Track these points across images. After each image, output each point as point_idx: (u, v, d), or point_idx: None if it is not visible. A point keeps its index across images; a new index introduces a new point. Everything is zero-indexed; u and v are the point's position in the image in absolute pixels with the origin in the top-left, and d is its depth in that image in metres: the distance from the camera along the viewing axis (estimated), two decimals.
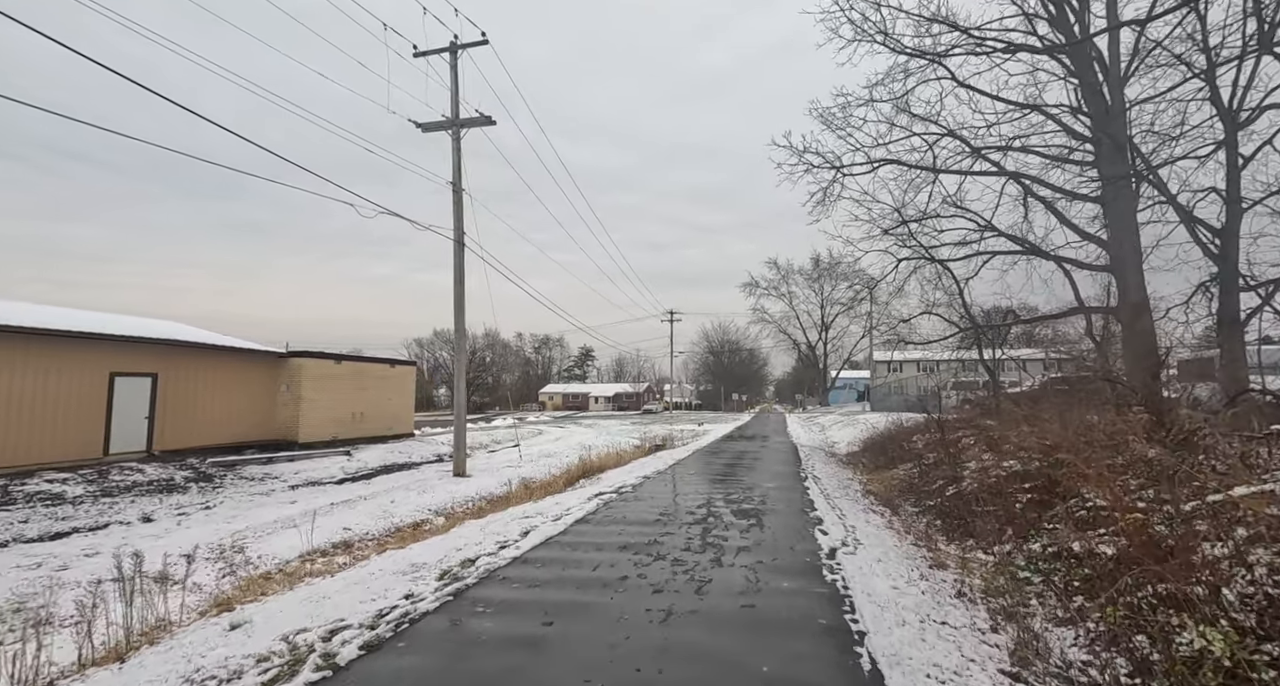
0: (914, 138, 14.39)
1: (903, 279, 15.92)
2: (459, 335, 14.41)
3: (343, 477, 13.86)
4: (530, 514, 6.85)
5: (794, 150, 14.83)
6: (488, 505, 10.86)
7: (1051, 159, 13.86)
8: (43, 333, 10.62)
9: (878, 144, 14.81)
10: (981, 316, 14.71)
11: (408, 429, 19.87)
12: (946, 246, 14.41)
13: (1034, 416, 9.40)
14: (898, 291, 16.02)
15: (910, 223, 13.34)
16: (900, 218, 13.37)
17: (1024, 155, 14.53)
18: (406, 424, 19.85)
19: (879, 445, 16.20)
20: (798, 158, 15.10)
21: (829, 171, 15.16)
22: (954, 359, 35.15)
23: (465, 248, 14.42)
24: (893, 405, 38.89)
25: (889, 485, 10.79)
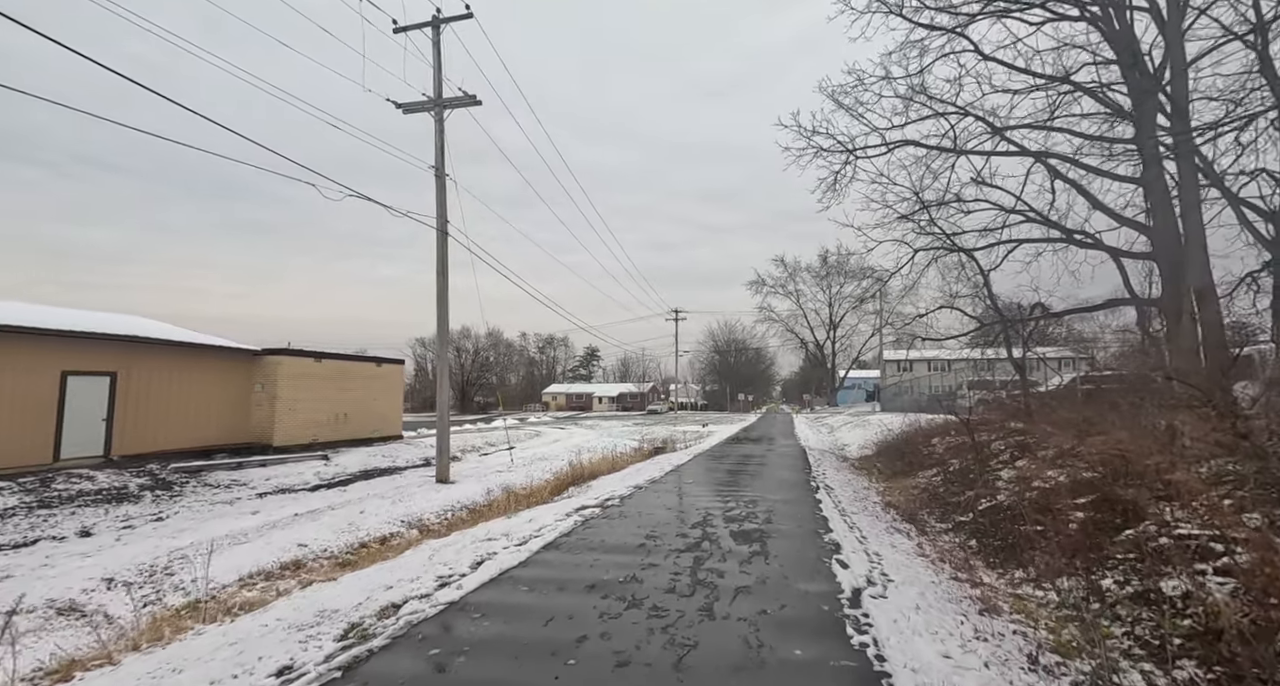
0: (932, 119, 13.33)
1: (919, 270, 14.84)
2: (442, 331, 13.44)
3: (317, 484, 12.92)
4: (495, 534, 5.84)
5: (803, 131, 13.76)
6: (465, 517, 9.89)
7: (1084, 137, 12.72)
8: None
9: (893, 126, 13.75)
10: (1005, 310, 13.58)
11: (396, 431, 18.94)
12: (970, 233, 13.31)
13: (1090, 419, 8.29)
14: (913, 285, 14.95)
15: (930, 207, 12.25)
16: (920, 201, 12.28)
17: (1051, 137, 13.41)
18: (395, 425, 18.92)
19: (895, 449, 15.10)
20: (806, 141, 14.06)
21: (840, 156, 14.13)
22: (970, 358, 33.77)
23: (449, 237, 13.45)
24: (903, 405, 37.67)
25: (909, 495, 9.71)
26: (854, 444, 21.18)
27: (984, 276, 11.68)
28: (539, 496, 10.37)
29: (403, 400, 19.86)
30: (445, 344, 13.52)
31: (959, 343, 19.52)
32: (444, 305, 13.42)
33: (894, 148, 13.54)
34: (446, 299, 13.49)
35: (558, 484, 11.59)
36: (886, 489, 10.48)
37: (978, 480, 8.94)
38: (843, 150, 13.94)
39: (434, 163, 13.39)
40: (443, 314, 13.42)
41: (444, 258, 13.40)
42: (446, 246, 13.47)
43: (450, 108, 13.48)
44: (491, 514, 9.39)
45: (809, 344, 63.54)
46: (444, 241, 13.40)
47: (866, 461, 15.22)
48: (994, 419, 13.30)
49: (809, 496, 8.03)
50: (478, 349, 78.51)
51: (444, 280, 13.40)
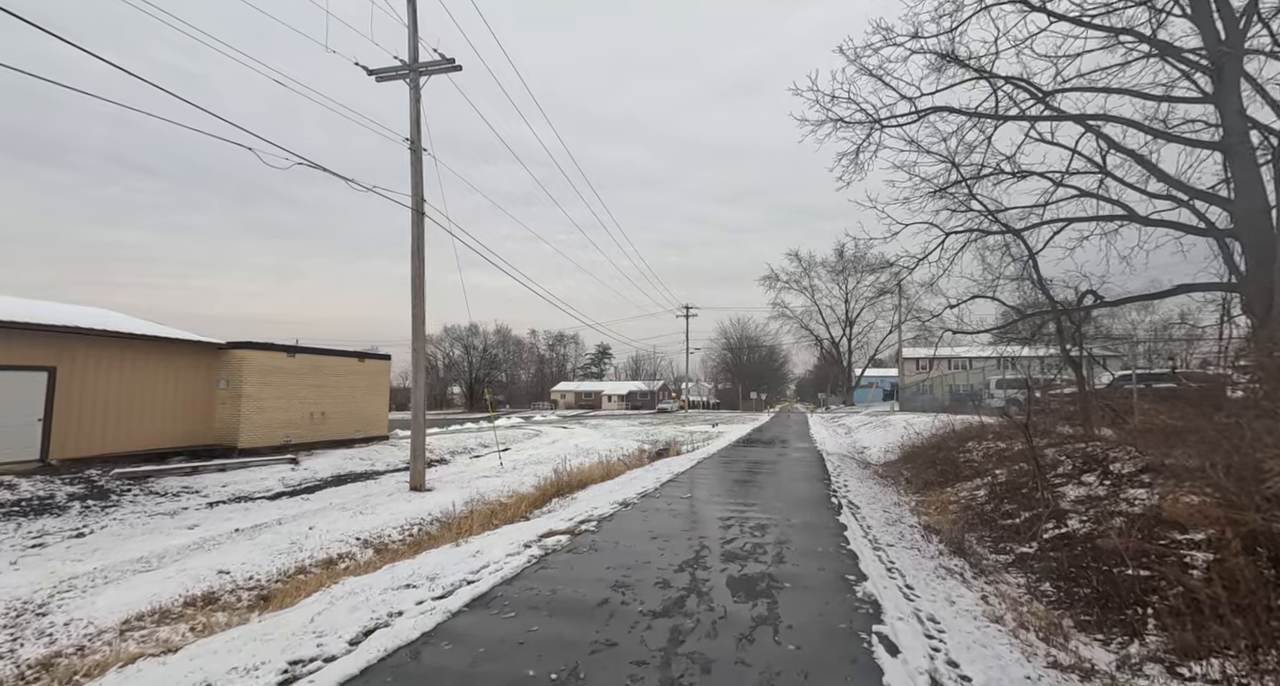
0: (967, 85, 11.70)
1: (951, 256, 13.25)
2: (417, 320, 12.12)
3: (280, 491, 11.68)
4: (420, 577, 4.46)
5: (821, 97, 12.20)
6: (435, 532, 8.57)
7: (1147, 98, 11.01)
8: None
9: (922, 94, 12.15)
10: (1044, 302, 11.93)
11: (380, 431, 17.71)
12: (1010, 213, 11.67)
13: (1179, 428, 6.71)
14: (943, 273, 13.33)
15: (970, 180, 10.65)
16: (958, 173, 10.67)
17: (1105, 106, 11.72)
18: (379, 426, 17.69)
19: (923, 454, 13.51)
20: (825, 111, 12.50)
21: (863, 128, 12.56)
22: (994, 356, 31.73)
23: (425, 217, 12.13)
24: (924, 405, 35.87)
25: (949, 514, 8.18)
26: (875, 447, 19.57)
27: (1031, 258, 10.07)
28: (514, 510, 9.00)
29: (388, 398, 18.62)
30: (422, 336, 12.20)
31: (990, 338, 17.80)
32: (419, 292, 12.11)
33: (924, 115, 11.95)
34: (423, 285, 12.17)
35: (539, 495, 10.22)
36: (920, 504, 8.96)
37: (1036, 498, 7.40)
38: (866, 120, 12.38)
39: (409, 135, 12.07)
40: (418, 301, 12.11)
41: (420, 239, 12.08)
42: (423, 227, 12.15)
43: (426, 74, 12.14)
44: (460, 530, 8.05)
45: (824, 341, 61.64)
46: (420, 222, 12.08)
47: (891, 468, 13.64)
48: (1040, 423, 11.68)
49: (830, 518, 6.55)
50: (486, 346, 77.60)
51: (419, 263, 12.09)
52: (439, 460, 17.24)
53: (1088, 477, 7.43)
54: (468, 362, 76.48)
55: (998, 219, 10.52)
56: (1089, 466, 7.80)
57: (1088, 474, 7.58)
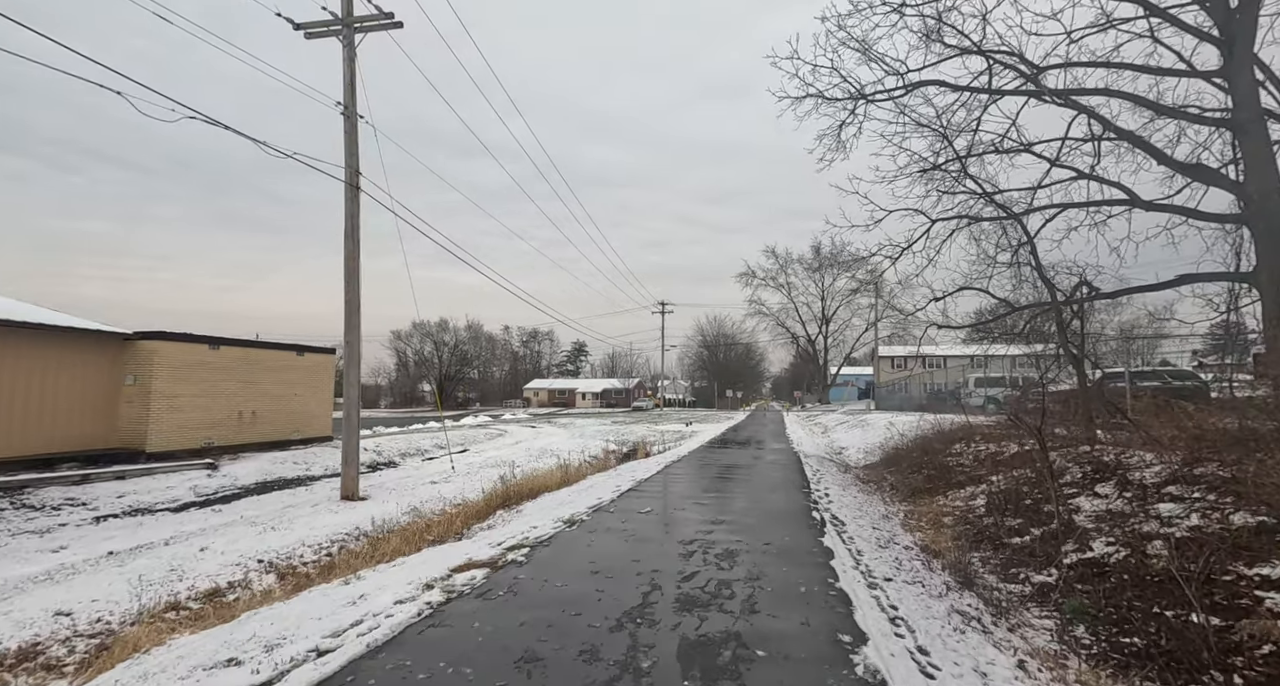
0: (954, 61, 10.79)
1: (937, 244, 12.40)
2: (351, 306, 10.75)
3: (188, 502, 10.22)
4: (253, 647, 3.23)
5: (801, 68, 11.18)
6: (359, 549, 7.31)
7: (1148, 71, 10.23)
8: None
9: (909, 70, 11.21)
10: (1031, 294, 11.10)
11: (322, 431, 16.20)
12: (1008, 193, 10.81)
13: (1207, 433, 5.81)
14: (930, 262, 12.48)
15: (963, 157, 9.73)
16: (951, 150, 9.75)
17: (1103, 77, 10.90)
18: (321, 425, 16.18)
19: (907, 457, 12.64)
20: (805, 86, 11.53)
21: (847, 104, 11.61)
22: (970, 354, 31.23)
23: (360, 191, 10.76)
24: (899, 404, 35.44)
25: (943, 528, 7.21)
26: (853, 448, 18.75)
27: (1030, 243, 9.18)
28: (449, 526, 7.76)
29: (332, 394, 17.11)
30: (356, 326, 10.84)
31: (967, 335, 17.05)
32: (353, 277, 10.74)
33: (913, 88, 11.01)
34: (357, 268, 10.81)
35: (484, 506, 8.99)
36: (910, 516, 7.98)
37: (1046, 512, 6.45)
38: (849, 97, 11.41)
39: (342, 99, 10.68)
40: (352, 287, 10.74)
41: (354, 217, 10.72)
42: (358, 203, 10.79)
43: (362, 30, 10.76)
44: (380, 553, 6.80)
45: (800, 339, 61.25)
46: (354, 197, 10.71)
47: (873, 472, 12.74)
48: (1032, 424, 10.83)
49: (812, 539, 5.48)
50: (457, 342, 75.50)
51: (353, 245, 10.72)
52: (386, 463, 15.84)
53: (1103, 488, 6.51)
54: (437, 359, 74.31)
55: (993, 200, 9.63)
56: (1101, 474, 6.89)
57: (1102, 483, 6.66)
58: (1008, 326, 15.96)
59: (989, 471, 9.15)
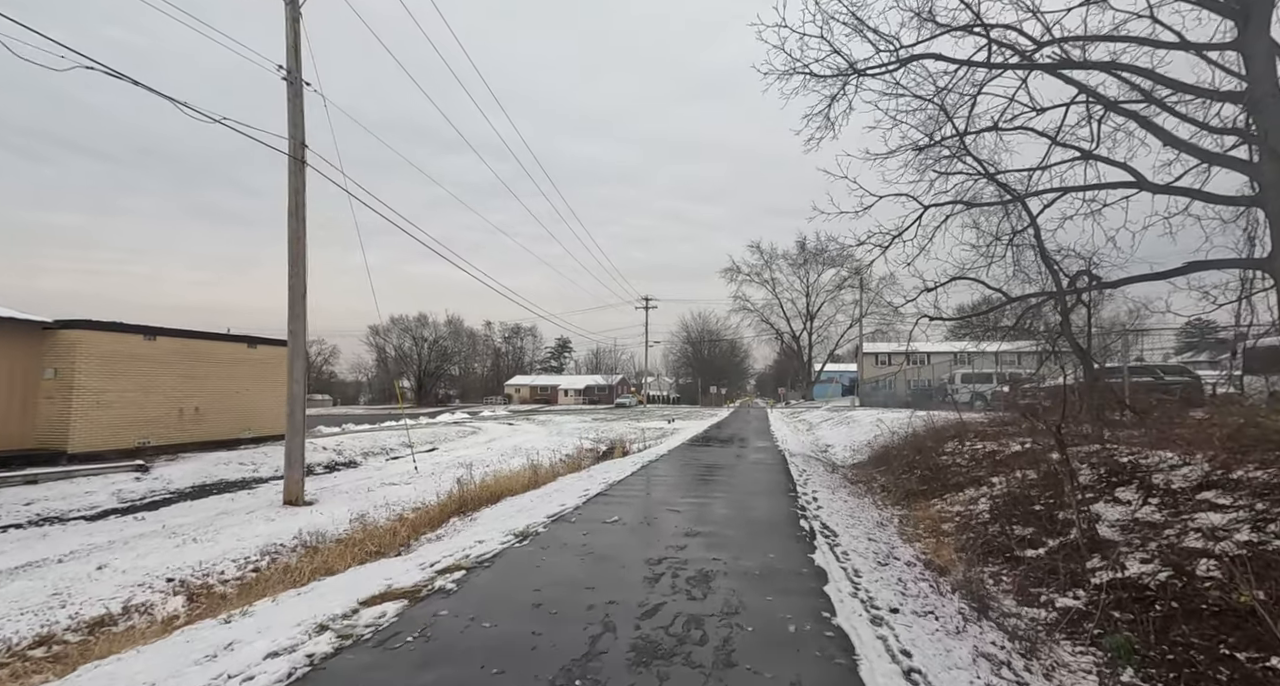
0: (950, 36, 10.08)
1: (930, 231, 11.75)
2: (294, 295, 9.77)
3: (108, 509, 9.18)
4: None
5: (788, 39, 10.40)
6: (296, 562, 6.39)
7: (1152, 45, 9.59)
8: None
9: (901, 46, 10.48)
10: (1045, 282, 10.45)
11: (276, 429, 15.08)
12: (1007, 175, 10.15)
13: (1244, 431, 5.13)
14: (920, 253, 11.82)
15: (965, 134, 9.01)
16: (952, 126, 9.02)
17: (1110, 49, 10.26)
18: (275, 422, 15.07)
19: (899, 457, 11.97)
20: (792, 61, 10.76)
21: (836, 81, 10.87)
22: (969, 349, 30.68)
23: (307, 166, 9.76)
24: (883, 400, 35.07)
25: (942, 535, 6.50)
26: (839, 446, 18.12)
27: (1034, 227, 8.50)
28: (393, 537, 6.88)
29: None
30: (301, 314, 9.85)
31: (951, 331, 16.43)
32: (298, 260, 9.75)
33: (906, 63, 10.27)
34: (303, 250, 9.82)
35: (439, 512, 8.11)
36: (906, 523, 7.26)
37: (1060, 520, 5.75)
38: (838, 73, 10.66)
39: (285, 63, 9.66)
40: (296, 271, 9.75)
41: (299, 193, 9.72)
42: (304, 178, 9.79)
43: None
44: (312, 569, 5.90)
45: (785, 335, 60.88)
46: (299, 171, 9.72)
47: (863, 472, 12.05)
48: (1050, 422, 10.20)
49: (801, 557, 4.70)
50: (437, 338, 73.94)
51: (299, 224, 9.73)
52: (346, 463, 14.83)
53: (1124, 492, 5.82)
54: (417, 355, 72.72)
55: (995, 179, 8.92)
56: (1118, 476, 6.21)
57: (1122, 486, 5.98)
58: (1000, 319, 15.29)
59: (989, 472, 8.48)
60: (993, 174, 9.00)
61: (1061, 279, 8.41)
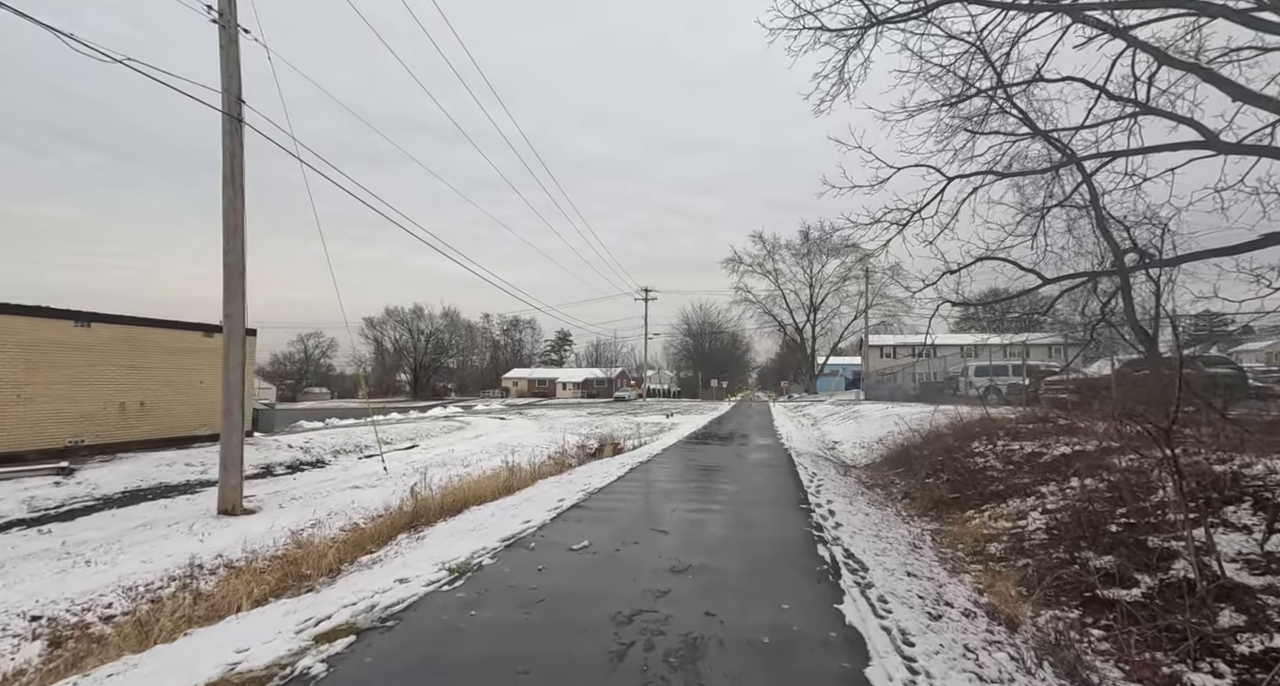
0: None
1: (956, 203, 10.52)
2: (230, 274, 8.51)
3: (14, 520, 7.96)
4: None
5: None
6: (213, 590, 5.17)
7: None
8: None
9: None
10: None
11: None
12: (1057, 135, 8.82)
13: None
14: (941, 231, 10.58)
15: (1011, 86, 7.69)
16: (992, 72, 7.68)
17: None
18: None
19: (919, 457, 10.68)
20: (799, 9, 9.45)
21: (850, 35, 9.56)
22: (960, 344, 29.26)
23: (244, 126, 8.47)
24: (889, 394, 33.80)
25: (989, 559, 5.26)
26: (848, 442, 16.88)
27: (1091, 191, 7.20)
28: (319, 561, 5.66)
29: (253, 381, 14.81)
30: (238, 295, 8.60)
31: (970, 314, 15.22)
32: (235, 233, 8.48)
33: (934, 8, 8.94)
34: (242, 220, 8.55)
35: (386, 526, 6.90)
36: (942, 542, 6.03)
37: (1150, 546, 4.51)
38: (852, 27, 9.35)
39: (214, 2, 8.35)
40: (232, 247, 8.49)
41: (235, 157, 8.45)
42: (241, 140, 8.51)
43: None
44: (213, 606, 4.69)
45: (787, 327, 59.58)
46: (236, 132, 8.44)
47: (879, 475, 10.82)
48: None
49: (825, 607, 3.47)
50: (433, 330, 72.75)
51: (235, 193, 8.46)
52: (314, 462, 13.64)
53: (1237, 514, 4.58)
54: (413, 347, 71.56)
55: (1047, 136, 7.59)
56: (1220, 492, 4.97)
57: (1230, 505, 4.74)
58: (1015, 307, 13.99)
59: (1035, 479, 7.22)
60: (1046, 131, 7.67)
61: (1123, 253, 7.14)
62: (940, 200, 10.46)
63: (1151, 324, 7.09)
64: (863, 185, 10.48)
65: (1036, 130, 7.75)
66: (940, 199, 10.44)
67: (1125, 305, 7.13)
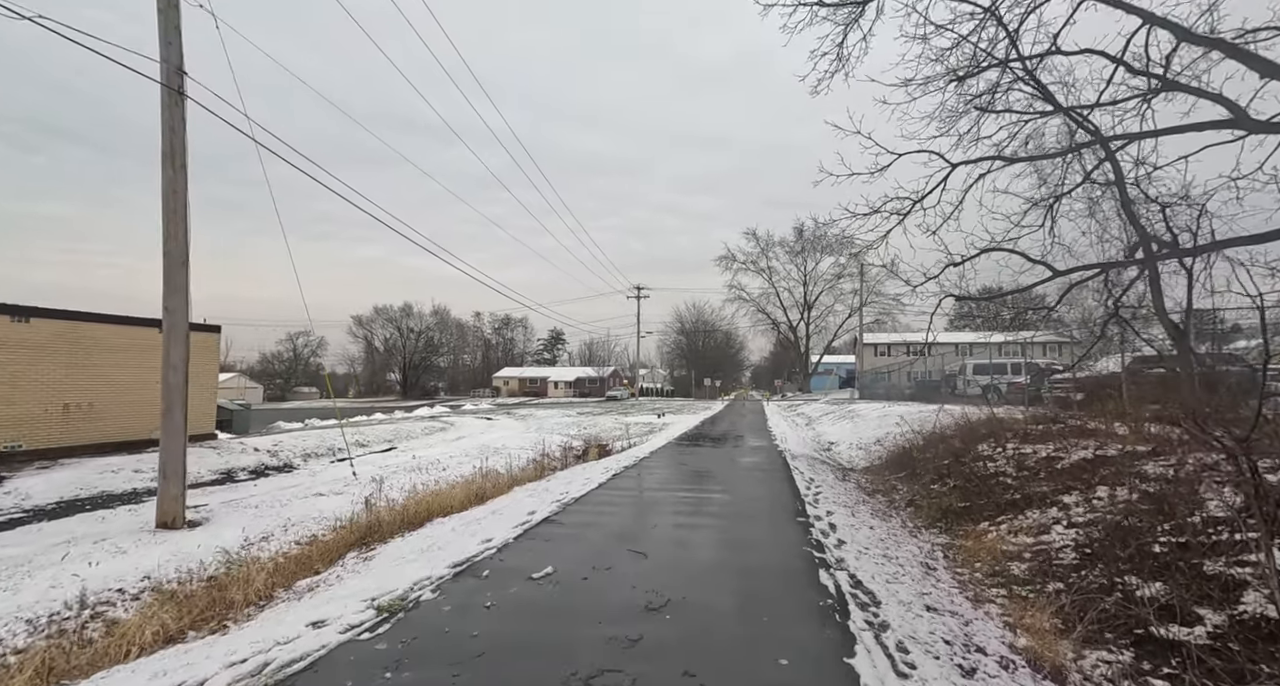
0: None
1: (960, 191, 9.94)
2: (170, 262, 7.72)
3: None
4: None
5: None
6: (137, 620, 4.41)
7: None
8: None
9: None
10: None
11: (202, 427, 13.13)
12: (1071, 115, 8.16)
13: None
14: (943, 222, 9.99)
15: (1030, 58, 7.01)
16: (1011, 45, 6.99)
17: None
18: (200, 420, 13.09)
19: (922, 460, 10.05)
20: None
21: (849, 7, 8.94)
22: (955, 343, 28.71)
23: (186, 98, 7.69)
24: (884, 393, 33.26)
25: (1013, 583, 4.58)
26: (844, 443, 16.26)
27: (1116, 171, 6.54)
28: (245, 585, 4.91)
29: (216, 380, 14.02)
30: (180, 287, 7.81)
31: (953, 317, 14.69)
32: (177, 215, 7.69)
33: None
34: (184, 205, 7.77)
35: (336, 544, 6.17)
36: (957, 559, 5.37)
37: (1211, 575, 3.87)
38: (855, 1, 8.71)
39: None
40: (173, 233, 7.70)
41: (176, 133, 7.66)
42: (183, 114, 7.74)
43: None
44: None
45: (781, 325, 59.01)
46: (176, 105, 7.66)
47: (879, 479, 10.17)
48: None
49: (833, 660, 2.79)
50: (423, 329, 71.70)
51: (175, 172, 7.67)
52: (281, 467, 12.85)
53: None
54: (402, 346, 70.52)
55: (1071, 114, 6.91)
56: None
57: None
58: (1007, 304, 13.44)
59: (1054, 487, 6.57)
60: (1070, 108, 6.98)
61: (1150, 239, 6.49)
62: (944, 189, 9.84)
63: (1184, 317, 6.44)
64: (861, 173, 9.84)
65: (1058, 106, 7.08)
66: (944, 187, 9.82)
67: (1154, 296, 6.49)
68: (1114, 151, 6.88)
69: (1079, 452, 7.25)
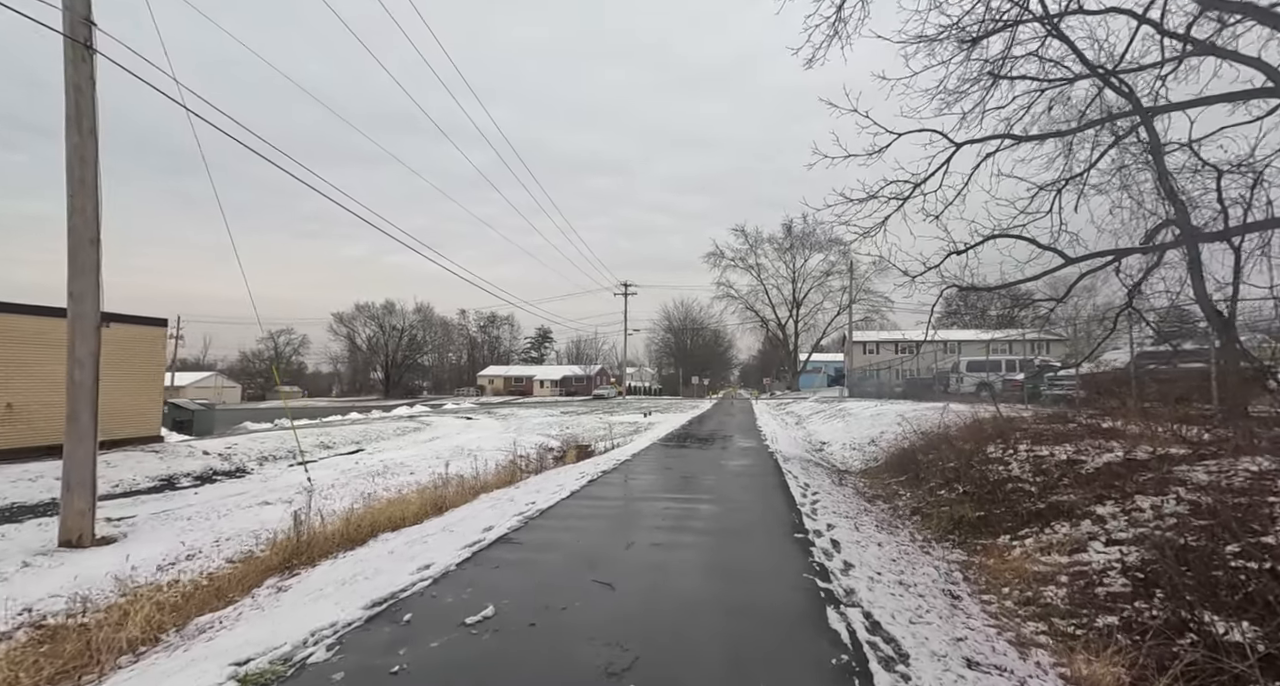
0: None
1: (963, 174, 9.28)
2: (76, 239, 6.75)
3: None
4: None
5: None
6: None
7: None
8: None
9: None
10: None
11: (146, 429, 12.09)
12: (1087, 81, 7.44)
13: None
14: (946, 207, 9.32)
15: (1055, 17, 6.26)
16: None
17: None
18: (143, 422, 12.07)
19: (926, 463, 9.29)
20: None
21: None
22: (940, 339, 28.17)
23: (95, 54, 6.71)
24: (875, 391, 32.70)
25: (1053, 615, 3.77)
26: (836, 443, 15.54)
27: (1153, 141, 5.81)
28: (120, 633, 4.02)
29: (163, 379, 12.97)
30: (91, 269, 6.84)
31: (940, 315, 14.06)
32: (86, 186, 6.72)
33: None
34: (95, 175, 6.80)
35: (258, 569, 5.27)
36: (978, 582, 4.59)
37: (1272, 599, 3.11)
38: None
39: None
40: (80, 206, 6.73)
41: (82, 90, 6.69)
42: (93, 72, 6.77)
43: None
44: None
45: (770, 323, 58.48)
46: (85, 61, 6.69)
47: (878, 483, 9.42)
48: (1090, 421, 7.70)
49: None
50: (406, 327, 70.26)
51: (82, 137, 6.71)
52: (232, 471, 11.86)
53: None
54: (384, 345, 69.04)
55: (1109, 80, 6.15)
56: None
57: None
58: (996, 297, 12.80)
59: (1083, 495, 5.83)
60: (1110, 72, 6.19)
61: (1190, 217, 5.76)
62: (946, 171, 9.15)
63: (1229, 304, 5.73)
64: (859, 154, 9.11)
65: (1090, 67, 6.30)
66: (946, 170, 9.13)
67: (1194, 282, 5.77)
68: (1150, 118, 6.14)
69: (1104, 456, 6.53)
